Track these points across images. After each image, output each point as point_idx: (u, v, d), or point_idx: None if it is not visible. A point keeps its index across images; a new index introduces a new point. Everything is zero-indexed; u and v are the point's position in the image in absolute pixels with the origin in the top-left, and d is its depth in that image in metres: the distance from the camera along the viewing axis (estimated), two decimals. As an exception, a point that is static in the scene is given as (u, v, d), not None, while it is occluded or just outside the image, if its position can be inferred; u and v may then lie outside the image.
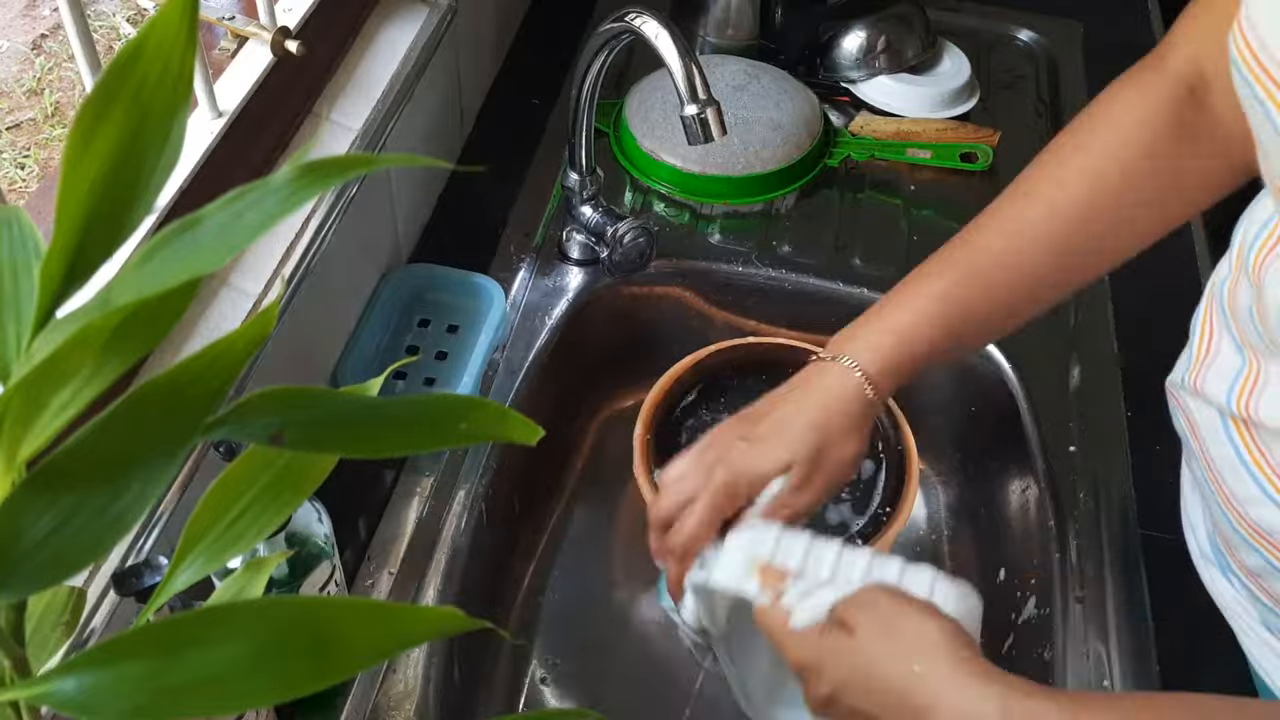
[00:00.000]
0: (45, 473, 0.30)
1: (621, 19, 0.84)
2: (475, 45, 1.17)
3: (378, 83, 0.95)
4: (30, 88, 2.52)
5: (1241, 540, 0.65)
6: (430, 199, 1.11)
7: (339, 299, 0.95)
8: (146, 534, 0.69)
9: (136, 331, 0.32)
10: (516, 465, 1.01)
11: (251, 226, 0.30)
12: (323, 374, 0.94)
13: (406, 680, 0.81)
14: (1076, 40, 1.36)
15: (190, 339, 0.77)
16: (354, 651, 0.33)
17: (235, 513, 0.43)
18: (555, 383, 1.09)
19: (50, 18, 2.63)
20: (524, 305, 1.05)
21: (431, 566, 0.87)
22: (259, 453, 0.43)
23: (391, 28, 1.00)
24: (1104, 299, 1.08)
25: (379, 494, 0.91)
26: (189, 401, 0.32)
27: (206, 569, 0.42)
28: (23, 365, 0.32)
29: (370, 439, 0.36)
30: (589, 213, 1.04)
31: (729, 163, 1.13)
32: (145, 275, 0.30)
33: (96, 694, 0.31)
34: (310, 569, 0.73)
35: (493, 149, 1.18)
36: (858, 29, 1.25)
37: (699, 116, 0.80)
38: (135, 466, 0.31)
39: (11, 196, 1.61)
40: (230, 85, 0.82)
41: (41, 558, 0.31)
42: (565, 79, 1.24)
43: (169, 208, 0.74)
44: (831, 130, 1.22)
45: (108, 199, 0.31)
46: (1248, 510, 0.63)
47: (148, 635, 0.32)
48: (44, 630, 0.45)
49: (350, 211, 0.89)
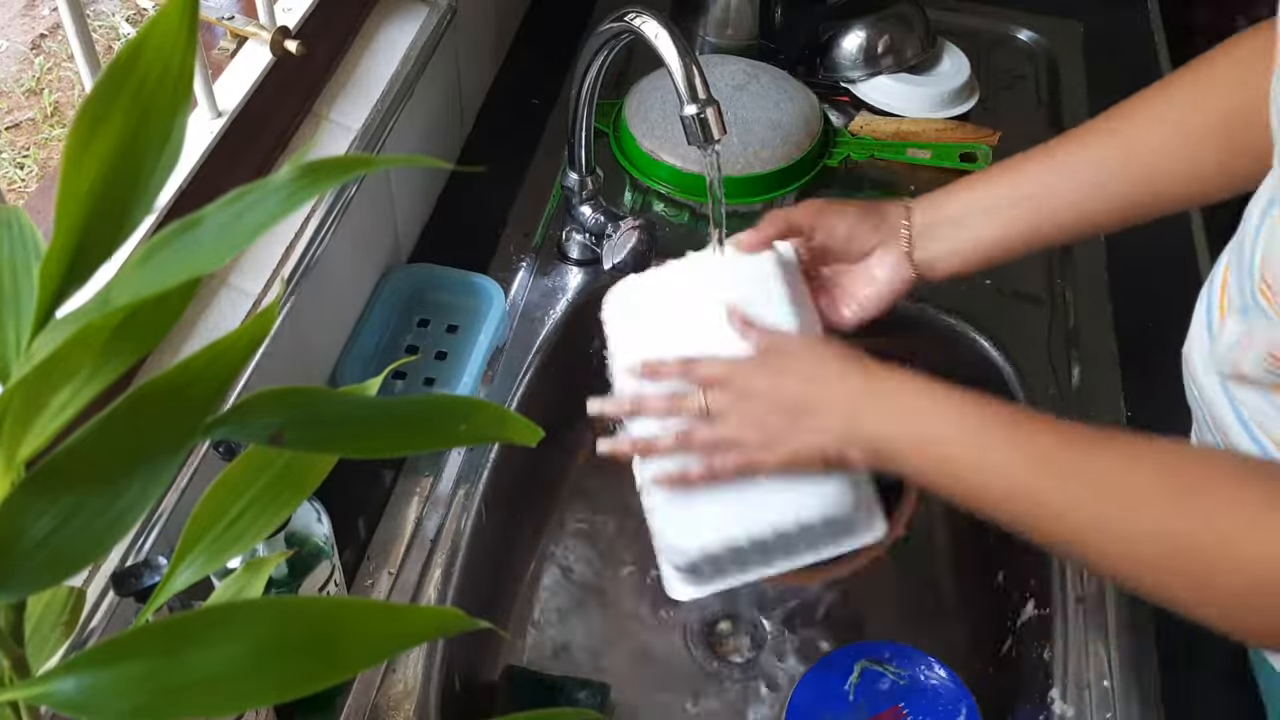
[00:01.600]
0: (45, 473, 0.30)
1: (621, 19, 0.84)
2: (475, 45, 1.17)
3: (377, 82, 0.95)
4: (29, 87, 2.52)
5: None
6: (430, 199, 1.11)
7: (339, 299, 0.95)
8: (146, 534, 0.69)
9: (136, 331, 0.32)
10: (516, 465, 1.01)
11: (251, 226, 0.30)
12: (322, 374, 0.94)
13: (406, 680, 0.81)
14: (1076, 40, 1.36)
15: (190, 339, 0.77)
16: (354, 651, 0.33)
17: (235, 513, 0.43)
18: (555, 383, 1.09)
19: (50, 17, 2.63)
20: (524, 305, 1.05)
21: (431, 566, 0.87)
22: (258, 453, 0.43)
23: (391, 27, 1.00)
24: (1104, 299, 1.08)
25: (379, 494, 0.91)
26: (189, 401, 0.32)
27: (206, 569, 0.42)
28: (22, 365, 0.32)
29: (370, 439, 0.36)
30: (589, 213, 1.04)
31: (728, 163, 1.13)
32: (145, 275, 0.30)
33: (96, 694, 0.31)
34: (310, 569, 0.73)
35: (493, 149, 1.18)
36: (858, 29, 1.25)
37: (699, 116, 0.80)
38: (135, 466, 0.31)
39: (11, 196, 1.61)
40: (230, 85, 0.82)
41: (41, 558, 0.31)
42: (565, 79, 1.24)
43: (169, 208, 0.74)
44: (831, 130, 1.22)
45: (107, 199, 0.31)
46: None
47: (147, 635, 0.32)
48: (43, 630, 0.45)
49: (350, 211, 0.89)
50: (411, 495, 0.91)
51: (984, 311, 1.07)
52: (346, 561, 0.86)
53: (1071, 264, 1.11)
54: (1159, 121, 0.73)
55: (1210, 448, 0.67)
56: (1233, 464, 0.59)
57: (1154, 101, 0.74)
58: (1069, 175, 0.75)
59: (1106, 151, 0.74)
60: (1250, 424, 0.63)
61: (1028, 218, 0.76)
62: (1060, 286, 1.09)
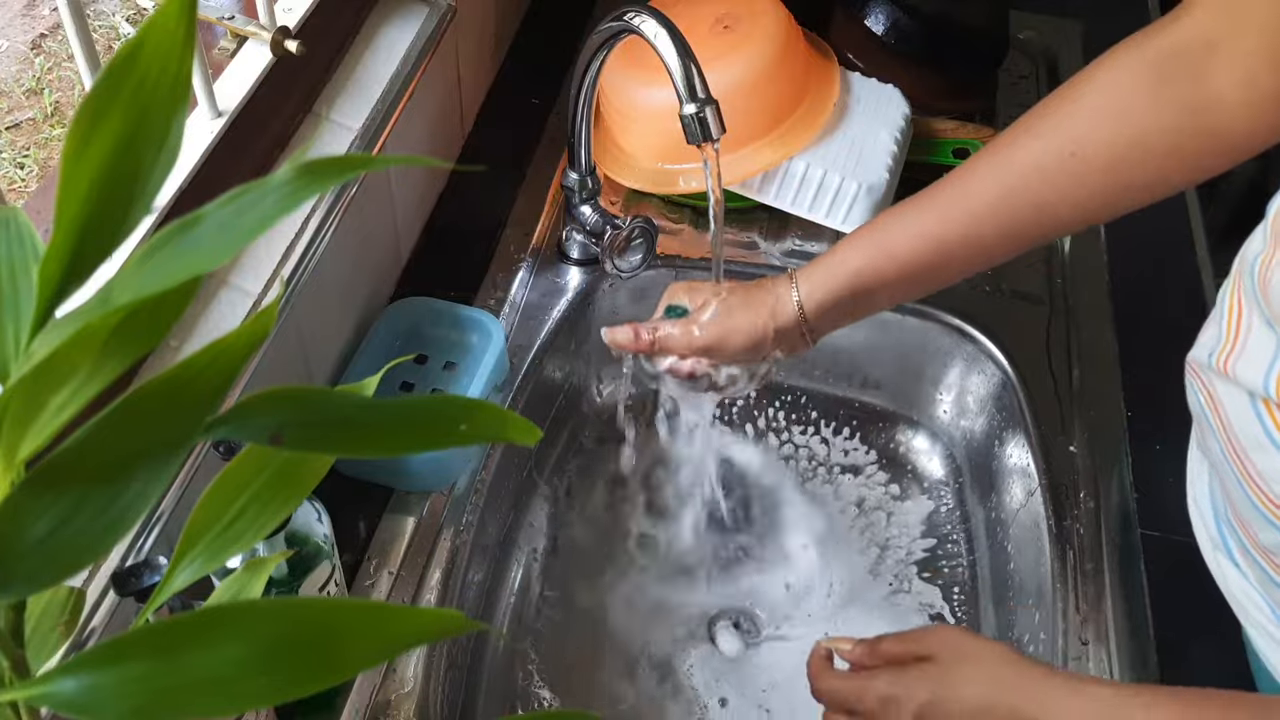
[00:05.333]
0: (44, 473, 0.30)
1: (620, 18, 0.84)
2: (475, 45, 1.17)
3: (377, 82, 0.95)
4: (30, 87, 2.52)
5: (1260, 516, 0.65)
6: (430, 198, 1.11)
7: (339, 299, 0.95)
8: (146, 534, 0.69)
9: (136, 331, 0.32)
10: (516, 465, 1.01)
11: (251, 226, 0.30)
12: (323, 375, 0.94)
13: (406, 680, 0.81)
14: (1076, 40, 1.36)
15: (190, 339, 0.77)
16: (354, 652, 0.33)
17: (234, 512, 0.43)
18: (554, 383, 1.09)
19: (50, 17, 2.63)
20: (524, 305, 1.05)
21: (431, 566, 0.87)
22: (258, 452, 0.43)
23: (391, 27, 1.00)
24: (1104, 299, 1.08)
25: (379, 494, 0.91)
26: (189, 401, 0.32)
27: (206, 569, 0.42)
28: (21, 365, 0.32)
29: (370, 439, 0.36)
30: (589, 213, 1.04)
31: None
32: (144, 275, 0.30)
33: (96, 694, 0.31)
34: (310, 569, 0.73)
35: (493, 149, 1.18)
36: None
37: (698, 115, 0.80)
38: (135, 466, 0.31)
39: (11, 196, 1.61)
40: (230, 85, 0.82)
41: (41, 558, 0.31)
42: (565, 79, 1.24)
43: (168, 207, 0.74)
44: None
45: (106, 199, 0.31)
46: (1272, 486, 0.62)
47: (147, 636, 0.32)
48: (43, 630, 0.45)
49: (350, 211, 0.89)
50: (411, 496, 0.91)
51: (984, 311, 1.07)
52: (346, 561, 0.86)
53: (1071, 264, 1.11)
54: (1042, 169, 0.72)
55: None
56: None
57: (1033, 142, 0.73)
58: (958, 232, 0.75)
59: (994, 204, 0.74)
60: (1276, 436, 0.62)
61: (917, 285, 0.78)
62: (1060, 286, 1.09)
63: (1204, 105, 0.67)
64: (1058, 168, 0.71)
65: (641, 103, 1.08)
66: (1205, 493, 0.75)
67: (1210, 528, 0.74)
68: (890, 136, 1.09)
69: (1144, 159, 0.70)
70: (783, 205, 1.08)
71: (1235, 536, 0.71)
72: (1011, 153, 0.73)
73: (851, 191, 1.05)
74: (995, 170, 0.74)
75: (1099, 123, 0.70)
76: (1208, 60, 0.67)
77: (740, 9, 1.08)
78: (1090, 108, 0.71)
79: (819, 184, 1.06)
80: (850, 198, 1.05)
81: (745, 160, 1.05)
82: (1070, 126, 0.71)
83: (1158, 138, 0.69)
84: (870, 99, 1.12)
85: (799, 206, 1.08)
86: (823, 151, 1.06)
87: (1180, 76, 0.68)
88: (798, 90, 1.07)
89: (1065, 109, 0.72)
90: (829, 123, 1.08)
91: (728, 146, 0.91)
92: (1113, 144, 0.70)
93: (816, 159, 1.05)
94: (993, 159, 0.74)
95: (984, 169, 0.74)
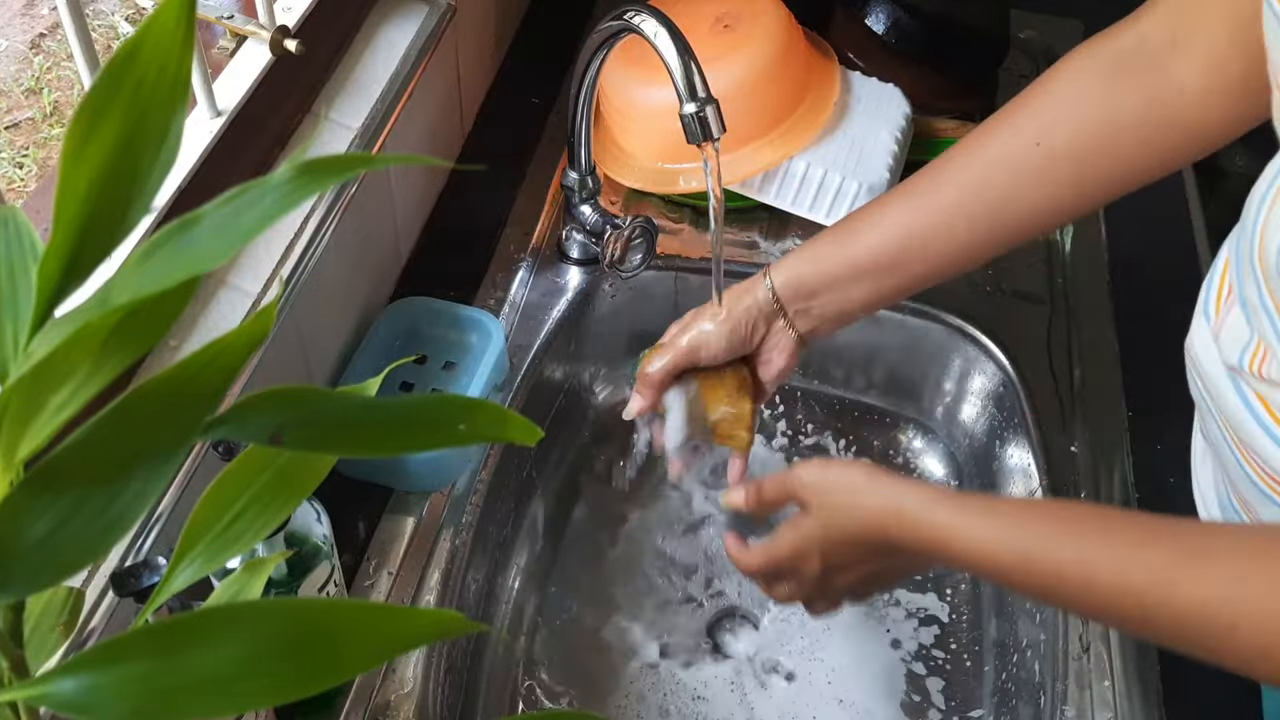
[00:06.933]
0: (44, 473, 0.30)
1: (620, 17, 0.84)
2: (475, 45, 1.17)
3: (377, 82, 0.95)
4: (29, 87, 2.52)
5: (1261, 495, 0.65)
6: (430, 198, 1.11)
7: (339, 299, 0.95)
8: (145, 534, 0.69)
9: (135, 331, 0.32)
10: (515, 465, 1.00)
11: (250, 225, 0.30)
12: (323, 376, 0.94)
13: (406, 681, 0.81)
14: (1076, 40, 1.34)
15: (189, 339, 0.77)
16: (353, 652, 0.33)
17: (234, 513, 0.43)
18: (554, 383, 1.09)
19: (49, 17, 2.63)
20: (524, 305, 1.05)
21: (431, 567, 0.87)
22: (258, 452, 0.43)
23: (391, 27, 1.00)
24: (1104, 298, 1.08)
25: (378, 494, 0.91)
26: (188, 401, 0.32)
27: (205, 569, 0.42)
28: (21, 365, 0.32)
29: (370, 439, 0.36)
30: (589, 212, 1.03)
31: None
32: (143, 274, 0.30)
33: (95, 694, 0.31)
34: (309, 569, 0.73)
35: (493, 149, 1.18)
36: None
37: (698, 114, 0.80)
38: (134, 466, 0.31)
39: (10, 196, 1.61)
40: (229, 84, 0.82)
41: (40, 558, 0.31)
42: (565, 78, 1.23)
43: (167, 207, 0.74)
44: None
45: (105, 198, 0.31)
46: (1269, 462, 0.63)
47: (147, 636, 0.32)
48: (43, 631, 0.45)
49: (350, 210, 0.89)
50: (411, 496, 0.91)
51: (984, 311, 1.07)
52: (346, 562, 0.85)
53: (1072, 263, 1.11)
54: (1008, 158, 0.74)
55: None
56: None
57: (1001, 133, 0.75)
58: (926, 221, 0.76)
59: (962, 194, 0.75)
60: (1260, 412, 0.63)
61: (890, 275, 0.78)
62: (1061, 286, 1.09)
63: (1166, 96, 0.69)
64: (1024, 157, 0.73)
65: (641, 102, 1.08)
66: (1210, 480, 0.75)
67: (1213, 512, 0.75)
68: (891, 136, 1.09)
69: (1111, 149, 0.71)
70: (783, 205, 1.08)
71: (1239, 520, 0.71)
72: (981, 145, 0.75)
73: (852, 191, 1.05)
74: (965, 162, 0.76)
75: (1062, 114, 0.72)
76: (1169, 53, 0.69)
77: (740, 8, 1.08)
78: (1054, 100, 0.73)
79: (819, 183, 1.06)
80: (851, 197, 1.05)
81: (745, 160, 1.05)
82: (1036, 118, 0.73)
83: (1122, 128, 0.71)
84: (871, 98, 1.12)
85: (799, 206, 1.08)
86: (823, 151, 1.06)
87: (1140, 69, 0.70)
88: (798, 90, 1.07)
89: (1033, 104, 0.74)
90: (829, 122, 1.08)
91: (728, 146, 0.91)
92: (1076, 135, 0.72)
93: (817, 158, 1.05)
94: (963, 152, 0.76)
95: (955, 162, 0.76)
